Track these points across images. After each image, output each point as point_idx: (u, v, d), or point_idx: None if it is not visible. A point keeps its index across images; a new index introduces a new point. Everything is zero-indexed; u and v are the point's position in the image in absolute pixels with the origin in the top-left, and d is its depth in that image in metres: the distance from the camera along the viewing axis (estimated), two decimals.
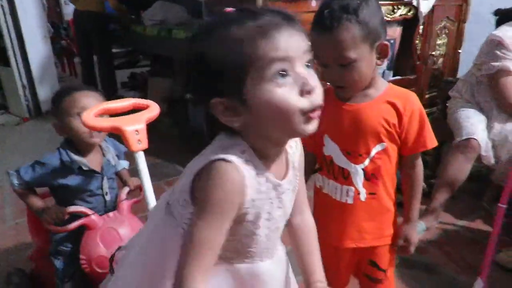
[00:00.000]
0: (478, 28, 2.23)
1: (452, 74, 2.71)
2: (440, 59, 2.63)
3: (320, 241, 0.86)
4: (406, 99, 0.90)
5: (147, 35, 3.51)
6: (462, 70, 2.34)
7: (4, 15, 3.51)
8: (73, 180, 1.15)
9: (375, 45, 0.84)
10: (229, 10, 0.60)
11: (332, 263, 1.01)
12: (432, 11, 2.40)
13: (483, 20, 2.49)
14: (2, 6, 3.48)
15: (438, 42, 2.55)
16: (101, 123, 1.00)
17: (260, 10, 0.60)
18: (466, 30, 2.66)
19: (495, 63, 1.74)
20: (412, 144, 0.92)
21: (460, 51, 2.71)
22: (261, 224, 0.64)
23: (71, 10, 4.69)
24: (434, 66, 2.61)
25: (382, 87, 0.91)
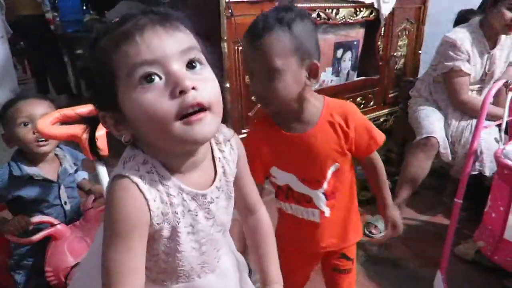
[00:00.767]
0: (437, 30, 2.32)
1: (413, 74, 2.81)
2: (402, 60, 2.72)
3: (286, 246, 0.90)
4: (345, 114, 0.90)
5: None
6: (423, 71, 2.43)
7: None
8: (27, 192, 1.11)
9: (305, 62, 0.83)
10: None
11: (296, 264, 1.03)
12: (392, 13, 2.48)
13: (441, 22, 2.60)
14: None
15: (399, 43, 2.64)
16: (57, 131, 0.97)
17: (136, 13, 0.57)
18: (426, 32, 2.76)
19: (448, 63, 1.83)
20: (365, 148, 0.94)
21: (420, 52, 2.81)
22: (182, 239, 0.59)
23: None
24: (396, 67, 2.69)
25: (319, 107, 0.90)
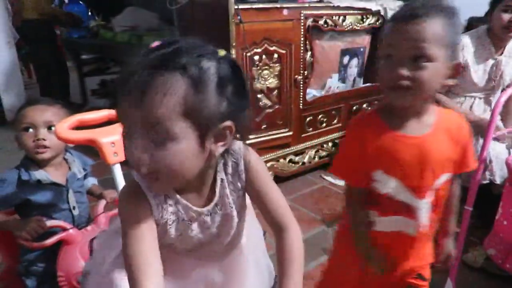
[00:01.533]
0: None
1: None
2: None
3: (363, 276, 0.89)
4: (459, 125, 0.85)
5: (117, 41, 3.44)
6: None
7: None
8: (35, 196, 1.11)
9: (452, 58, 0.76)
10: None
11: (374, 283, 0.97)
12: None
13: None
14: None
15: None
16: (75, 135, 0.98)
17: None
18: None
19: None
20: (459, 167, 0.87)
21: None
22: (173, 238, 0.71)
23: None
24: None
25: (433, 111, 0.84)
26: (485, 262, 1.57)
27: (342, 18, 2.26)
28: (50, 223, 1.06)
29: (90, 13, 4.41)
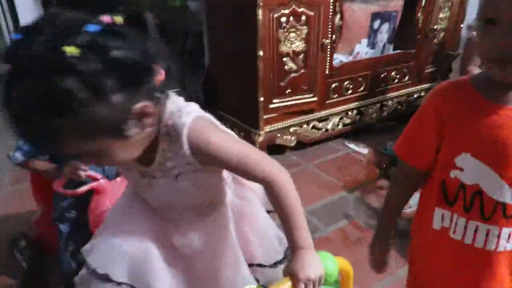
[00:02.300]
0: None
1: (453, 49, 2.69)
2: (441, 34, 2.60)
3: None
4: None
5: (140, 2, 3.42)
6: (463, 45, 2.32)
7: None
8: None
9: None
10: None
11: None
12: None
13: None
14: None
15: (441, 15, 2.52)
16: None
17: None
18: (468, 4, 2.62)
19: (470, 32, 1.74)
20: None
21: (462, 25, 2.68)
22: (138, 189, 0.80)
23: None
24: (435, 41, 2.58)
25: None
26: None
27: None
28: (84, 173, 1.11)
29: None
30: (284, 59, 2.01)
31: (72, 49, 0.48)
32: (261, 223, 0.89)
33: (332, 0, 2.01)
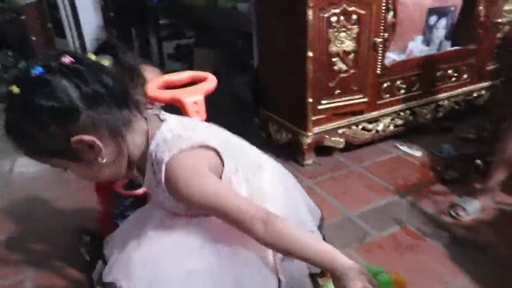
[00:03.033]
0: None
1: None
2: (506, 27, 2.41)
3: None
4: None
5: (194, 5, 3.51)
6: None
7: None
8: None
9: None
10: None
11: None
12: None
13: None
14: None
15: (505, 8, 2.34)
16: (162, 94, 1.04)
17: None
18: None
19: None
20: None
21: None
22: None
23: None
24: (498, 35, 2.40)
25: None
26: None
27: None
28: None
29: None
30: (334, 59, 1.98)
31: (14, 87, 0.61)
32: None
33: None
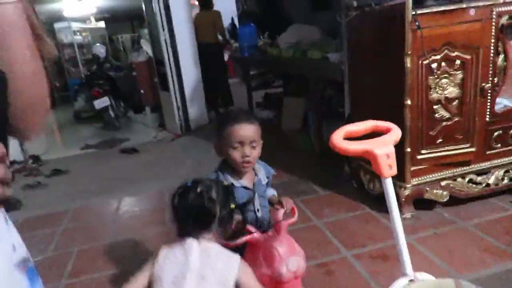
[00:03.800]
0: None
1: None
2: None
3: None
4: None
5: (283, 56, 3.68)
6: None
7: (167, 47, 4.14)
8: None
9: None
10: None
11: None
12: None
13: None
14: (165, 40, 4.11)
15: None
16: (353, 146, 0.97)
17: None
18: None
19: None
20: None
21: None
22: None
23: None
24: None
25: None
26: None
27: None
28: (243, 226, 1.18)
29: (258, 33, 4.85)
30: (435, 107, 1.86)
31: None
32: None
33: (493, 40, 1.81)
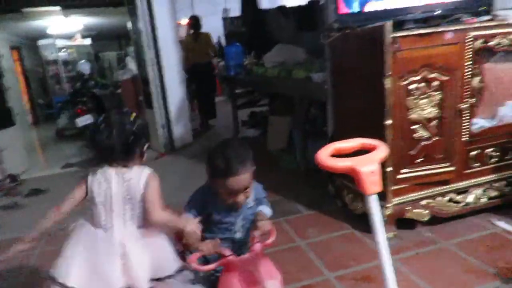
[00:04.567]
0: None
1: None
2: None
3: None
4: None
5: (268, 76, 3.72)
6: None
7: (152, 66, 4.14)
8: (216, 212, 1.26)
9: None
10: None
11: None
12: None
13: None
14: (151, 59, 4.12)
15: None
16: (339, 163, 0.98)
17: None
18: None
19: None
20: None
21: None
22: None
23: None
24: None
25: None
26: None
27: None
28: (219, 249, 1.15)
29: (244, 52, 4.91)
30: (415, 127, 1.89)
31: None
32: None
33: (469, 63, 1.86)
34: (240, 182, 1.17)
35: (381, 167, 1.87)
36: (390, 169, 1.89)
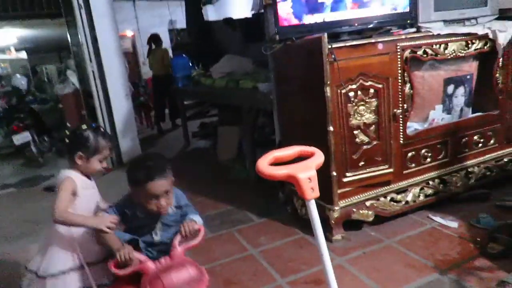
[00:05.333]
0: None
1: None
2: None
3: None
4: None
5: (216, 86, 3.73)
6: None
7: (95, 79, 3.99)
8: (133, 220, 1.36)
9: None
10: None
11: None
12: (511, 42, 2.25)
13: None
14: (93, 72, 3.96)
15: None
16: (278, 171, 1.01)
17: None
18: None
19: None
20: None
21: None
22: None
23: (148, 70, 6.33)
24: None
25: None
26: None
27: (443, 46, 2.12)
28: (135, 255, 1.26)
29: (191, 64, 4.89)
30: (355, 132, 1.99)
31: None
32: None
33: (400, 71, 2.00)
34: (159, 187, 1.27)
35: (325, 172, 1.97)
36: (335, 173, 1.97)
